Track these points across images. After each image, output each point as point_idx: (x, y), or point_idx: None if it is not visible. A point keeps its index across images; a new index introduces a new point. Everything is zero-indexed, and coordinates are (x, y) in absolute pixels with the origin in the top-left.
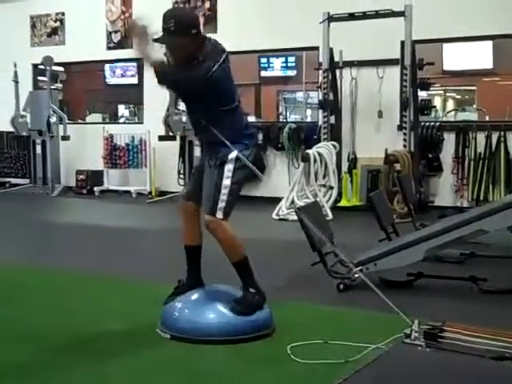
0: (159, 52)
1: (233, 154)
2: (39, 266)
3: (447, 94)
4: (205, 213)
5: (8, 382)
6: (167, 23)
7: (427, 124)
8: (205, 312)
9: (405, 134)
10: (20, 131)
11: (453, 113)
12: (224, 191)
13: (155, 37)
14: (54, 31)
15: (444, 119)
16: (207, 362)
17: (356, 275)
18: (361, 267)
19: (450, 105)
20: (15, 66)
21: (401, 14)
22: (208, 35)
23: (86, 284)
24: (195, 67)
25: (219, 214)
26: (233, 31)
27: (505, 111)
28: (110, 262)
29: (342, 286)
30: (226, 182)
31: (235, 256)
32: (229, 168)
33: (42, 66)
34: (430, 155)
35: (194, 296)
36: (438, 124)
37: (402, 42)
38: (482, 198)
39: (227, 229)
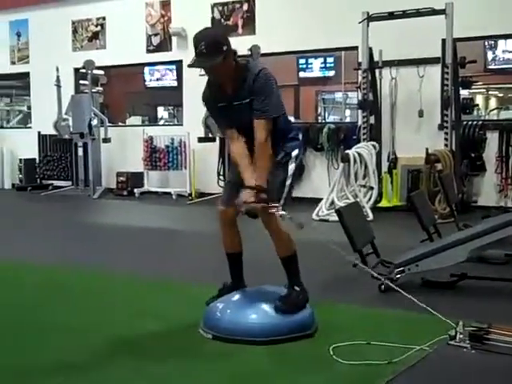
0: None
1: (295, 152)
2: (81, 266)
3: (490, 92)
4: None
5: (48, 381)
6: (199, 46)
7: (469, 123)
8: (247, 312)
9: (446, 133)
10: (62, 134)
11: (496, 111)
12: (286, 189)
13: (190, 63)
14: (95, 35)
15: (487, 118)
16: (249, 362)
17: (397, 276)
18: (402, 268)
19: (493, 103)
20: (57, 70)
21: (442, 12)
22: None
23: (127, 284)
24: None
25: (281, 210)
26: (271, 32)
27: None
28: (151, 263)
29: (383, 287)
30: (289, 180)
31: (287, 250)
32: (291, 167)
33: (83, 70)
34: (473, 154)
35: (236, 296)
36: (480, 123)
37: (443, 40)
38: None
39: (284, 224)
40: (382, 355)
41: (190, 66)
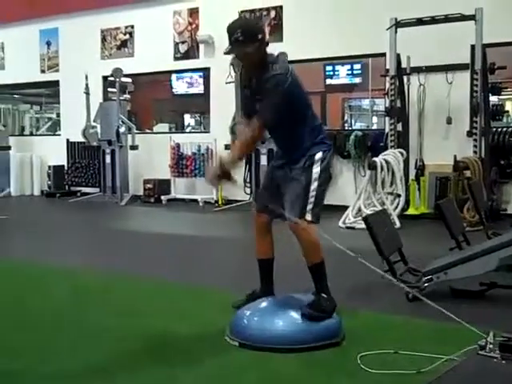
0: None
1: (319, 155)
2: (111, 271)
3: None
4: (292, 216)
5: (78, 381)
6: (234, 33)
7: (499, 129)
8: (274, 320)
9: (475, 140)
10: (91, 141)
11: None
12: (312, 193)
13: (225, 50)
14: (124, 44)
15: None
16: (275, 370)
17: (425, 284)
18: (430, 276)
19: None
20: (86, 78)
21: (471, 17)
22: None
23: (156, 289)
24: (268, 73)
25: (308, 216)
26: (298, 39)
27: None
28: (180, 269)
29: (411, 296)
30: (314, 184)
31: (314, 258)
32: (316, 170)
33: (111, 78)
34: (502, 162)
35: (263, 304)
36: (510, 129)
37: (472, 46)
38: None
39: (312, 232)
40: (411, 365)
41: (226, 53)
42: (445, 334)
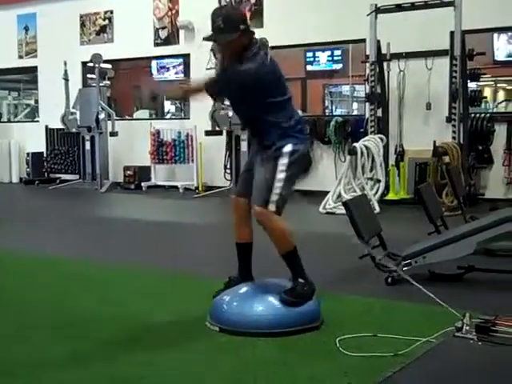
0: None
1: (288, 148)
2: (90, 258)
3: (498, 85)
4: (256, 205)
5: (58, 372)
6: (216, 21)
7: (477, 115)
8: (253, 304)
9: (454, 125)
10: (70, 128)
11: (504, 103)
12: (277, 184)
13: (205, 37)
14: (103, 29)
15: (495, 110)
16: (255, 354)
17: (404, 268)
18: (409, 260)
19: (501, 95)
20: (65, 64)
21: (450, 3)
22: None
23: (136, 277)
24: (244, 63)
25: (271, 207)
26: (279, 26)
27: None
28: (160, 256)
29: (390, 280)
30: (280, 175)
31: (284, 247)
32: (283, 162)
33: (91, 64)
34: (481, 147)
35: (243, 289)
36: (488, 115)
37: (452, 33)
38: None
39: (277, 219)
40: (388, 347)
41: (205, 39)
42: (422, 316)
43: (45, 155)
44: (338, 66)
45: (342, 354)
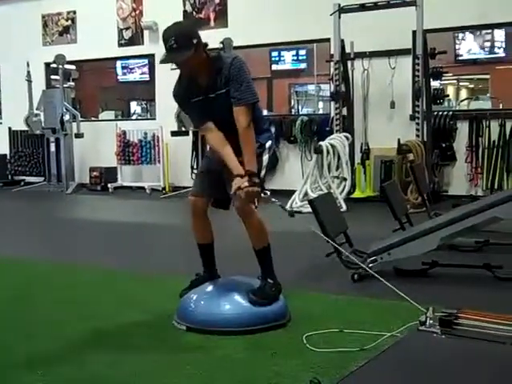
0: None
1: (269, 143)
2: (55, 259)
3: (460, 83)
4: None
5: (26, 375)
6: (168, 42)
7: (440, 113)
8: (220, 303)
9: (417, 123)
10: (34, 130)
11: (466, 102)
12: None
13: (161, 59)
14: (66, 30)
15: (457, 108)
16: (222, 352)
17: (370, 265)
18: (375, 257)
19: (464, 94)
20: (28, 65)
21: (412, 3)
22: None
23: (102, 278)
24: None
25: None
26: (243, 25)
27: None
28: (127, 257)
29: (356, 276)
30: (263, 171)
31: (262, 242)
32: (266, 157)
33: (54, 65)
34: (444, 145)
35: (210, 287)
36: (451, 113)
37: (414, 32)
38: (496, 186)
39: (257, 213)
40: (354, 343)
41: (161, 62)
42: (388, 312)
43: (8, 157)
44: (304, 66)
45: (309, 350)
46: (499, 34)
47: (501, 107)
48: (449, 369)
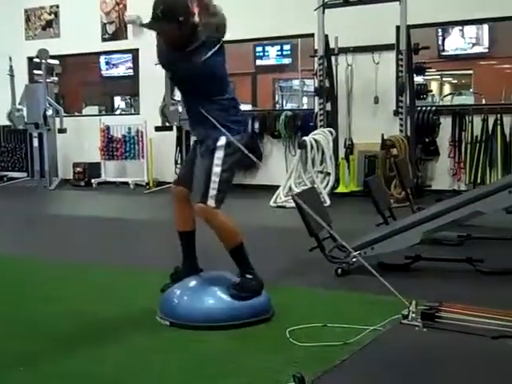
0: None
1: (222, 141)
2: (38, 256)
3: (443, 79)
4: (195, 201)
5: (6, 371)
6: (156, 9)
7: (424, 108)
8: (203, 298)
9: (401, 118)
10: (17, 125)
11: (449, 97)
12: (215, 178)
13: (143, 23)
14: (49, 24)
15: (440, 103)
16: (206, 347)
17: (354, 259)
18: (358, 251)
19: (447, 89)
20: (10, 59)
21: None
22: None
23: (86, 273)
24: (189, 54)
25: (211, 202)
26: (228, 20)
27: (501, 94)
28: (110, 252)
29: (340, 271)
30: (217, 169)
31: (230, 242)
32: (219, 155)
33: (37, 60)
34: (427, 139)
35: (193, 282)
36: (434, 108)
37: (397, 27)
38: (479, 180)
39: (219, 215)
40: (338, 337)
41: (142, 25)
42: (371, 306)
43: None
44: (288, 61)
45: (292, 345)
46: (482, 30)
47: (483, 102)
48: (429, 362)
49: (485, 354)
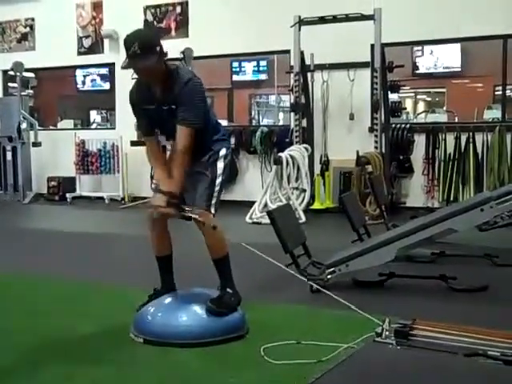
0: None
1: (223, 151)
2: (13, 271)
3: (418, 97)
4: (199, 208)
5: None
6: (131, 47)
7: (398, 126)
8: (177, 315)
9: (376, 135)
10: None
11: (423, 114)
12: (217, 188)
13: (123, 65)
14: (24, 37)
15: (414, 121)
16: (180, 364)
17: (328, 276)
18: (333, 269)
19: (421, 107)
20: None
21: (370, 17)
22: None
23: (59, 289)
24: (178, 79)
25: (213, 210)
26: (204, 36)
27: (473, 113)
28: (83, 268)
29: (314, 288)
30: (219, 179)
31: (220, 251)
32: (220, 165)
33: (12, 72)
34: (401, 157)
35: (167, 300)
36: (408, 126)
37: (372, 45)
38: (452, 198)
39: (218, 222)
40: (312, 354)
41: (123, 67)
42: (345, 323)
43: None
44: (264, 77)
45: (267, 363)
46: (455, 49)
47: (456, 120)
48: (403, 380)
49: (458, 371)
